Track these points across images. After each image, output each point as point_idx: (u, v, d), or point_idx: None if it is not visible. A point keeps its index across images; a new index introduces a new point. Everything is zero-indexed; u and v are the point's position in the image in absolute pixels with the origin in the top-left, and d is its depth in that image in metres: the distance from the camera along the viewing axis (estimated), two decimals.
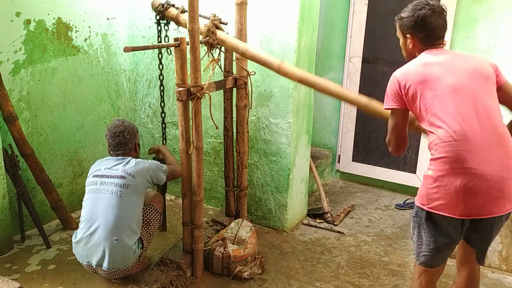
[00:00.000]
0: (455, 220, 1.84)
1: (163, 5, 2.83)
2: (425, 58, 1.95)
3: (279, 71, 2.48)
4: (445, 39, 2.10)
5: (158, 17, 2.87)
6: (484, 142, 1.80)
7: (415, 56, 2.02)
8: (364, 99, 2.33)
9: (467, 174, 1.78)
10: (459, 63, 1.92)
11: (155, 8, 2.87)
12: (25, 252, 2.97)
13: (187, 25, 2.37)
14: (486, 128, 1.81)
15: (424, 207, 1.89)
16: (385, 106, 1.99)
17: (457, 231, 1.89)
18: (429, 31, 1.96)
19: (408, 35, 2.01)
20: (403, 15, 2.02)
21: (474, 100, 1.83)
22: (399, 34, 2.08)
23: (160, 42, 2.87)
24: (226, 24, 2.76)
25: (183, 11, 2.77)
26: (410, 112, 1.97)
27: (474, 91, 1.85)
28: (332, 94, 2.41)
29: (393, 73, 1.97)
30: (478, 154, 1.78)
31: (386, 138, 2.05)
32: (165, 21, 2.88)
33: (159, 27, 2.84)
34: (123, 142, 2.60)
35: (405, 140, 2.00)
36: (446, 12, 1.99)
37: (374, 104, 2.28)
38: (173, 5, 2.83)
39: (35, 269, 2.80)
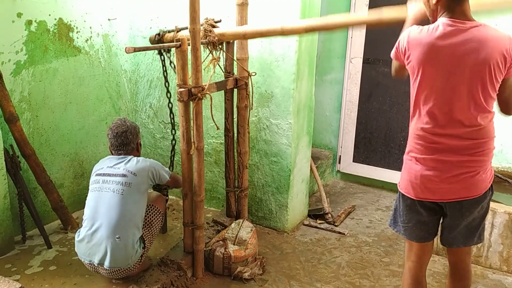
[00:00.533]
0: (415, 201, 1.99)
1: (159, 34, 2.93)
2: (439, 35, 1.80)
3: (284, 33, 2.50)
4: None
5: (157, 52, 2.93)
6: (457, 140, 1.85)
7: (437, 15, 1.87)
8: (374, 15, 2.23)
9: (430, 161, 1.90)
10: (469, 54, 1.79)
11: (152, 41, 2.96)
12: (26, 253, 2.98)
13: (188, 26, 2.38)
14: (466, 127, 1.84)
15: (398, 187, 2.07)
16: (391, 53, 1.99)
17: (423, 211, 2.01)
18: None
19: None
20: None
21: (467, 96, 1.82)
22: None
23: (166, 71, 2.91)
24: (220, 21, 2.79)
25: (178, 31, 2.86)
26: None
27: (471, 87, 1.81)
28: (342, 26, 2.41)
29: (409, 32, 1.87)
30: (446, 148, 1.87)
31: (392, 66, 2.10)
32: (165, 50, 2.90)
33: (161, 57, 2.86)
34: (126, 142, 2.61)
35: (403, 76, 2.06)
36: None
37: (386, 14, 2.17)
38: (168, 31, 2.91)
39: (36, 270, 2.80)
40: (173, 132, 3.06)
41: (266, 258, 2.99)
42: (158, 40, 2.93)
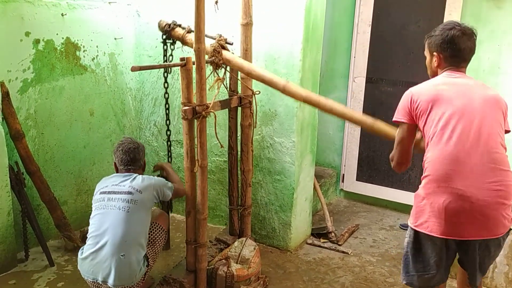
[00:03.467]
0: (438, 239, 1.89)
1: (169, 25, 2.88)
2: (443, 79, 1.98)
3: (284, 91, 2.51)
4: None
5: (164, 37, 2.92)
6: (477, 167, 1.82)
7: (437, 76, 2.04)
8: (369, 119, 2.34)
9: (451, 194, 1.83)
10: (476, 88, 1.94)
11: (162, 28, 2.92)
12: (28, 270, 2.97)
13: (193, 45, 2.41)
14: (483, 154, 1.83)
15: (412, 226, 1.96)
16: (394, 118, 2.01)
17: (442, 251, 1.92)
18: (456, 51, 1.96)
19: (434, 53, 2.02)
20: (433, 33, 2.03)
21: (479, 125, 1.85)
22: (426, 52, 2.09)
23: (166, 61, 2.91)
24: (231, 44, 2.80)
25: (189, 31, 2.82)
26: (418, 132, 2.01)
27: (482, 117, 1.86)
28: (337, 114, 2.44)
29: (409, 89, 2.00)
30: (468, 176, 1.82)
31: (391, 153, 2.08)
32: (171, 41, 2.93)
33: (165, 46, 2.89)
34: (137, 158, 2.64)
35: (408, 157, 2.03)
36: (476, 36, 2.00)
37: (379, 124, 2.30)
38: (179, 25, 2.88)
39: (38, 286, 2.79)
40: (168, 122, 3.05)
41: (269, 277, 2.97)
42: (167, 30, 2.88)
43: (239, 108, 2.97)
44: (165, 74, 3.02)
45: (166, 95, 3.04)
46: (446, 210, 1.83)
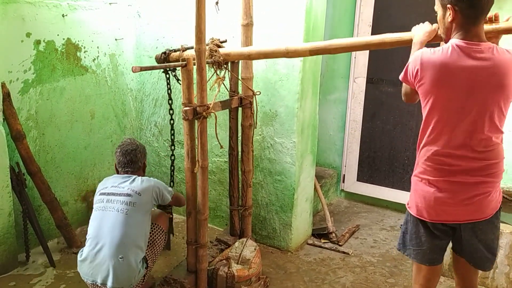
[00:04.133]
0: (428, 222, 1.97)
1: (164, 53, 2.95)
2: (453, 56, 1.79)
3: (288, 54, 2.52)
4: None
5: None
6: (470, 161, 1.85)
7: (451, 34, 1.85)
8: (375, 37, 2.29)
9: (443, 183, 1.88)
10: (483, 76, 1.78)
11: (158, 60, 2.98)
12: (29, 271, 2.97)
13: (193, 53, 2.42)
14: (479, 149, 1.84)
15: (407, 206, 2.06)
16: (400, 77, 1.99)
17: (432, 232, 1.98)
18: (474, 1, 1.76)
19: (449, 5, 1.80)
20: None
21: (480, 118, 1.82)
22: (437, 6, 1.90)
23: (170, 89, 2.92)
24: (225, 41, 2.82)
25: (184, 50, 2.89)
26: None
27: (485, 109, 1.81)
28: (345, 49, 2.42)
29: (421, 54, 1.84)
30: (459, 170, 1.86)
31: (402, 89, 2.09)
32: (171, 69, 2.93)
33: (167, 75, 2.86)
34: (134, 160, 2.63)
35: (414, 100, 2.05)
36: None
37: (388, 37, 2.22)
38: (173, 50, 2.93)
39: (39, 287, 2.79)
40: (173, 148, 3.05)
41: (270, 277, 2.97)
42: (164, 59, 2.96)
43: (240, 109, 2.98)
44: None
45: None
46: (435, 199, 1.90)
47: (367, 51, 3.96)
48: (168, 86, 2.90)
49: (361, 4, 3.91)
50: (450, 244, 2.10)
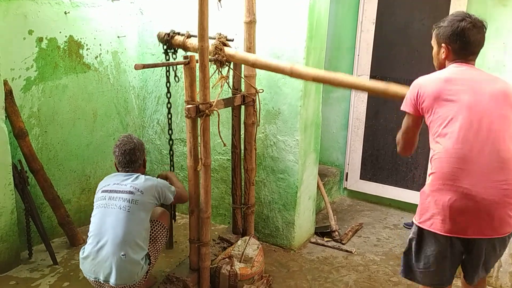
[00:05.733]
0: (442, 237, 1.88)
1: (168, 34, 2.90)
2: (451, 71, 1.93)
3: (292, 74, 2.49)
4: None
5: (165, 47, 2.92)
6: (484, 165, 1.80)
7: (445, 67, 1.99)
8: (381, 84, 2.28)
9: (457, 192, 1.81)
10: (485, 83, 1.89)
11: (161, 39, 2.94)
12: (31, 268, 2.97)
13: (197, 44, 2.40)
14: (491, 153, 1.81)
15: (416, 222, 1.95)
16: (402, 107, 2.00)
17: (446, 250, 1.90)
18: (465, 44, 1.91)
19: (443, 45, 1.96)
20: (441, 24, 1.97)
21: (487, 123, 1.82)
22: (433, 42, 2.04)
23: (168, 71, 2.90)
24: (232, 40, 2.80)
25: (189, 37, 2.84)
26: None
27: (490, 113, 1.83)
28: (348, 86, 2.41)
29: (417, 80, 1.96)
30: (474, 175, 1.80)
31: (397, 135, 2.08)
32: (172, 50, 2.92)
33: (167, 57, 2.86)
34: (134, 159, 2.61)
35: (413, 145, 2.05)
36: (486, 28, 1.95)
37: (393, 88, 2.23)
38: (178, 33, 2.89)
39: (42, 285, 2.79)
40: (170, 132, 3.03)
41: (273, 276, 2.96)
42: (167, 40, 2.89)
43: (243, 107, 2.96)
44: (167, 74, 3.00)
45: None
46: (451, 208, 1.81)
47: (371, 48, 3.94)
48: (167, 74, 2.89)
49: (365, 1, 3.89)
50: None
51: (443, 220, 1.84)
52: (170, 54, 2.90)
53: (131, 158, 2.61)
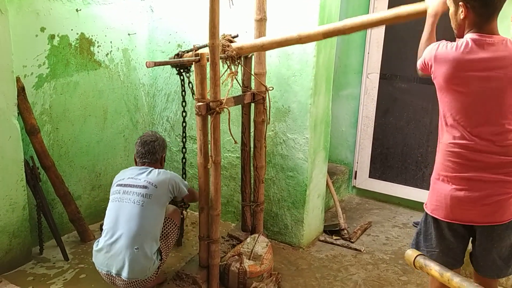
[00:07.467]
0: (443, 222, 1.92)
1: (178, 54, 2.89)
2: (469, 49, 1.76)
3: (301, 39, 2.48)
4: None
5: (177, 68, 2.90)
6: (488, 157, 1.80)
7: (463, 30, 1.82)
8: (390, 12, 2.20)
9: (460, 180, 1.84)
10: (502, 68, 1.76)
11: (174, 66, 2.91)
12: (43, 264, 3.00)
13: (208, 41, 2.41)
14: (499, 143, 1.80)
15: (425, 208, 2.00)
16: (418, 63, 1.96)
17: (447, 234, 1.94)
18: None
19: (460, 3, 1.76)
20: None
21: (496, 114, 1.79)
22: (449, 1, 1.85)
23: (184, 90, 2.88)
24: (237, 36, 2.81)
25: (196, 49, 2.83)
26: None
27: (502, 102, 1.78)
28: (360, 27, 2.34)
29: (438, 46, 1.82)
30: (478, 166, 1.81)
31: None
32: (185, 69, 2.90)
33: (181, 77, 2.84)
34: (152, 151, 2.66)
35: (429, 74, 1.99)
36: None
37: (405, 9, 2.14)
38: (185, 51, 2.88)
39: (53, 281, 2.82)
40: (184, 140, 3.04)
41: (282, 274, 2.96)
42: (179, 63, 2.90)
43: (253, 104, 2.97)
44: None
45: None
46: (452, 197, 1.85)
47: (381, 46, 3.92)
48: (183, 88, 2.87)
49: None
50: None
51: (444, 207, 1.89)
52: (184, 74, 2.86)
53: (150, 150, 2.65)
